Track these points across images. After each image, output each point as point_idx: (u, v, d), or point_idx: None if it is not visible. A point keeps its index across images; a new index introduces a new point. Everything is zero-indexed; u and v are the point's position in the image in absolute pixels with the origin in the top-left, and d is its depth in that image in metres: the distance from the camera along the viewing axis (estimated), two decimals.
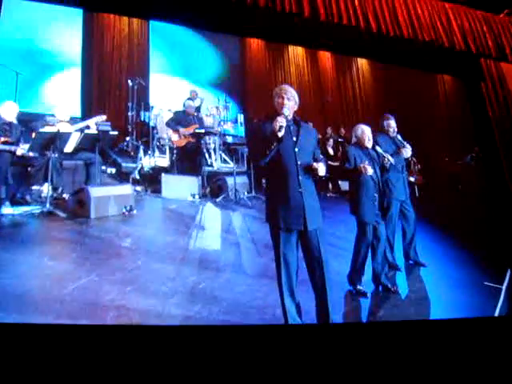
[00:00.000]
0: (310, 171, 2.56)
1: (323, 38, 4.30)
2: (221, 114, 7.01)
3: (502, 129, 4.36)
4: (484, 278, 3.86)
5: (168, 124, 5.81)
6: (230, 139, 6.81)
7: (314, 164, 2.55)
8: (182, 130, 5.70)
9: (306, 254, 2.62)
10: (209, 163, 6.21)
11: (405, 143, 3.89)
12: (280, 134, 2.39)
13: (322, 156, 2.81)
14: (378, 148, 3.49)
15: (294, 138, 2.58)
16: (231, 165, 6.15)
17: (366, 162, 3.16)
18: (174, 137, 5.72)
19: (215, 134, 6.28)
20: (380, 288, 3.49)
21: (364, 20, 3.83)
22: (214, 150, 6.34)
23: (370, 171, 3.11)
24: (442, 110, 7.82)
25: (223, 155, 6.51)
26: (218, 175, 5.88)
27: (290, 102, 2.59)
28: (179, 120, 5.77)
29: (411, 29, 4.06)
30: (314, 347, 2.63)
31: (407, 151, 3.83)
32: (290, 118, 2.57)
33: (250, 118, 7.45)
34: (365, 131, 3.44)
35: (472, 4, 4.56)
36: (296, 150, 2.54)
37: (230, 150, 6.70)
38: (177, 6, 3.73)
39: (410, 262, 4.10)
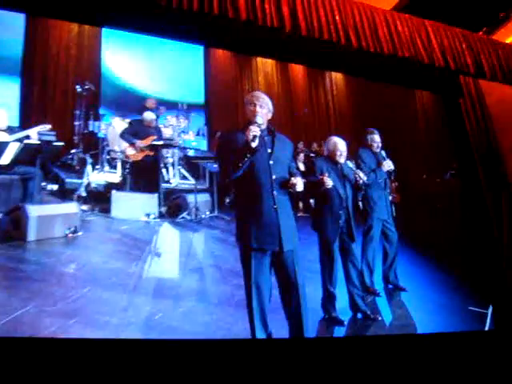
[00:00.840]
0: (286, 186, 2.55)
1: (300, 53, 4.52)
2: (181, 125, 6.96)
3: (479, 145, 4.69)
4: (467, 302, 3.98)
5: (123, 136, 5.70)
6: (191, 152, 6.78)
7: (292, 179, 2.54)
8: (138, 142, 5.61)
9: (280, 278, 2.60)
10: (166, 179, 6.13)
11: (387, 159, 4.04)
12: (254, 145, 2.37)
13: (297, 170, 2.82)
14: (349, 163, 3.54)
15: (269, 150, 2.57)
16: (192, 181, 6.11)
17: (326, 175, 3.16)
18: (130, 150, 5.63)
19: (175, 147, 6.24)
20: (360, 315, 3.52)
21: (345, 36, 4.08)
22: (173, 164, 6.27)
23: (329, 183, 3.09)
24: (420, 125, 8.13)
25: (182, 170, 6.46)
26: (176, 192, 5.83)
27: (263, 109, 2.59)
28: (135, 131, 5.70)
29: (391, 45, 4.33)
30: (285, 364, 2.68)
31: (389, 164, 3.98)
32: (263, 127, 2.56)
33: (215, 129, 7.44)
34: (337, 144, 3.47)
35: (451, 22, 4.90)
36: (271, 162, 2.53)
37: (190, 164, 6.68)
38: (141, 14, 3.73)
39: (390, 286, 4.17)
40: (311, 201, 5.76)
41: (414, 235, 5.36)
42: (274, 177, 2.53)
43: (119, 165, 6.01)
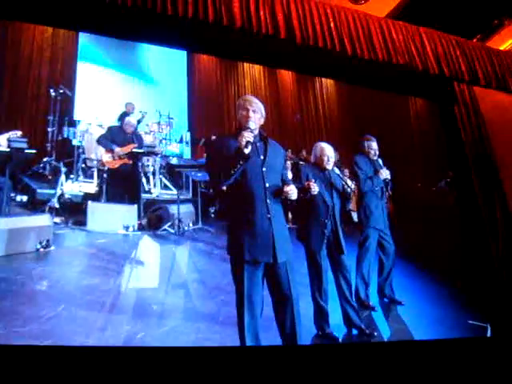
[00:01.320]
0: (280, 195, 2.56)
1: (294, 60, 4.64)
2: (163, 132, 6.92)
3: (474, 152, 4.82)
4: (466, 315, 4.00)
5: (100, 141, 5.63)
6: (174, 160, 6.70)
7: (286, 187, 2.55)
8: (117, 149, 5.53)
9: (274, 292, 2.59)
10: (146, 189, 6.07)
11: (384, 168, 4.08)
12: (247, 151, 2.38)
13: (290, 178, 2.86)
14: (336, 169, 3.57)
15: (262, 157, 2.58)
16: (174, 191, 6.04)
17: (313, 181, 3.08)
18: (106, 157, 5.54)
19: (157, 155, 6.17)
20: (355, 331, 3.48)
21: (339, 43, 4.23)
22: (153, 173, 6.21)
23: (314, 189, 2.97)
24: (413, 131, 8.28)
25: (164, 180, 6.39)
26: (157, 203, 5.78)
27: (256, 114, 2.60)
28: (114, 137, 5.62)
29: (386, 52, 4.49)
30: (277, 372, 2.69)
31: (386, 172, 4.02)
32: (255, 132, 2.57)
33: (199, 136, 7.47)
34: (324, 150, 3.50)
35: (446, 29, 5.11)
36: (264, 169, 2.53)
37: (172, 173, 6.62)
38: (127, 21, 3.75)
39: (385, 299, 4.15)
40: None
41: (408, 246, 5.36)
42: (267, 184, 2.53)
43: (96, 174, 5.94)
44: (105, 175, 5.56)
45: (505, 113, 5.18)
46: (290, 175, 6.37)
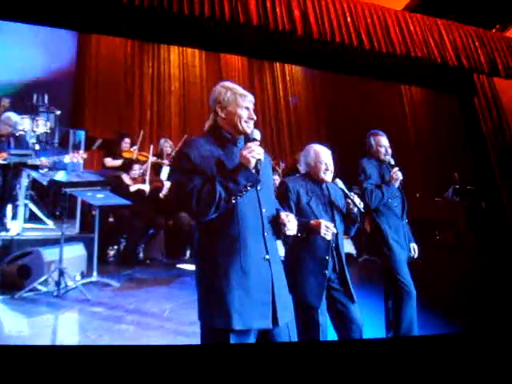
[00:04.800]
0: (275, 226, 2.42)
1: (314, 54, 5.38)
2: (38, 129, 6.25)
3: (495, 145, 5.54)
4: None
5: None
6: (60, 175, 5.62)
7: (282, 214, 2.41)
8: None
9: None
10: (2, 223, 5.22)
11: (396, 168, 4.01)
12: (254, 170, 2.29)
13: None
14: (339, 182, 3.37)
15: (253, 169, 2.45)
16: (49, 224, 5.45)
17: (323, 222, 2.96)
18: None
19: (32, 168, 5.36)
20: None
21: (357, 37, 5.03)
22: (14, 197, 5.30)
23: (328, 233, 2.93)
24: (408, 128, 8.51)
25: (31, 206, 5.53)
26: (20, 246, 4.95)
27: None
28: None
29: (404, 45, 5.32)
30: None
31: (397, 173, 3.97)
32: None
33: (93, 135, 6.76)
34: (320, 155, 3.36)
35: (464, 20, 5.98)
36: (258, 188, 2.36)
37: (44, 195, 5.91)
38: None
39: None
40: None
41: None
42: (263, 209, 2.38)
43: None
44: None
45: None
46: None
